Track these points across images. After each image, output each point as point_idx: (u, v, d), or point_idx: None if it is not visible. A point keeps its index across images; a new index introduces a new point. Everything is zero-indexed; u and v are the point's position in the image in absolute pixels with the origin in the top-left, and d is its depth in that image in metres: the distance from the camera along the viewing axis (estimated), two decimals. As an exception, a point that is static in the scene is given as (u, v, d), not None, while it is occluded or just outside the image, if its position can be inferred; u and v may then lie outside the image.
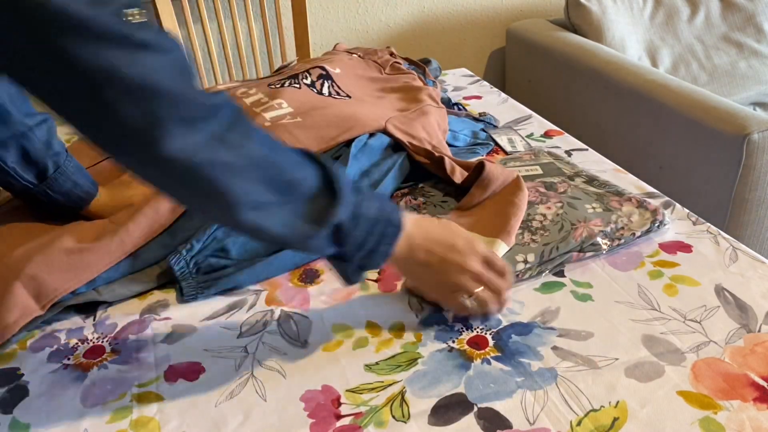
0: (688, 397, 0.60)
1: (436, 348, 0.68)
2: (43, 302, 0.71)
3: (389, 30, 2.10)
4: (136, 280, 0.78)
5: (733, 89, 2.00)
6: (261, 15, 1.73)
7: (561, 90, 1.92)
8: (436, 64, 1.35)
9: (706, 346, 0.66)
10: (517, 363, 0.65)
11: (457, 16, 2.17)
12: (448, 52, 2.22)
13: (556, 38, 1.95)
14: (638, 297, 0.74)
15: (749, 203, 1.43)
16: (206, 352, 0.69)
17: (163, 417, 0.61)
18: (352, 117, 0.98)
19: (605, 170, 1.01)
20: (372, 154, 0.95)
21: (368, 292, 0.77)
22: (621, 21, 1.96)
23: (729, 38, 2.05)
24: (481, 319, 0.71)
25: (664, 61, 1.99)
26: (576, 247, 0.79)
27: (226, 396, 0.63)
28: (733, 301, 0.73)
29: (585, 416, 0.59)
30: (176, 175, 0.55)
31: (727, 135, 1.40)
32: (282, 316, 0.74)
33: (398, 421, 0.60)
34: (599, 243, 0.80)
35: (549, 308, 0.73)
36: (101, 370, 0.67)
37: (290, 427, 0.59)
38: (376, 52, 1.27)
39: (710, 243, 0.83)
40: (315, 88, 1.08)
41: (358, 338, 0.70)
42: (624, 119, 1.69)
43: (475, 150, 1.07)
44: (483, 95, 1.34)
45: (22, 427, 0.60)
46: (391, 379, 0.64)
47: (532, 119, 1.20)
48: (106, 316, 0.75)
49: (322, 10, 2.00)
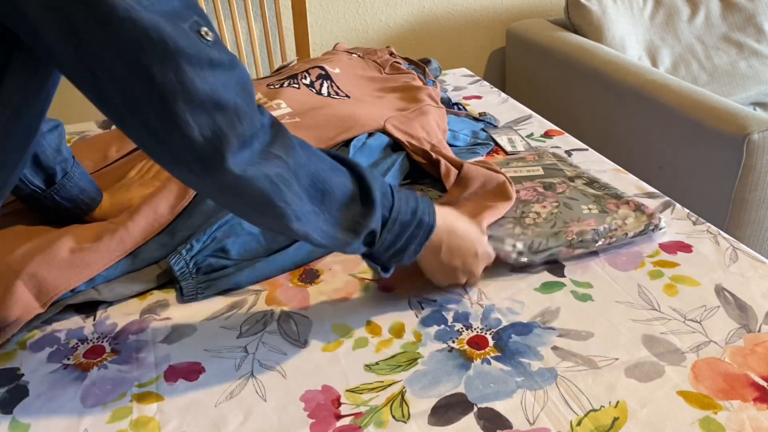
0: (688, 397, 0.60)
1: (436, 348, 0.68)
2: (43, 300, 0.71)
3: (389, 30, 2.10)
4: (135, 280, 0.78)
5: (733, 89, 2.00)
6: (261, 15, 1.73)
7: (561, 90, 1.92)
8: (436, 64, 1.35)
9: (706, 346, 0.66)
10: (517, 363, 0.65)
11: (457, 16, 2.17)
12: (448, 52, 2.21)
13: (556, 38, 1.95)
14: (638, 297, 0.74)
15: (749, 203, 1.43)
16: (206, 352, 0.69)
17: (163, 417, 0.61)
18: (351, 117, 0.98)
19: (605, 170, 1.01)
20: (371, 153, 0.95)
21: (368, 292, 0.77)
22: (621, 21, 1.96)
23: (729, 38, 2.05)
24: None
25: (664, 61, 1.99)
26: (566, 242, 0.79)
27: (226, 396, 0.63)
28: (733, 301, 0.73)
29: (585, 416, 0.59)
30: (232, 189, 0.56)
31: (727, 135, 1.40)
32: (282, 316, 0.74)
33: (398, 421, 0.60)
34: (589, 240, 0.80)
35: (549, 308, 0.73)
36: (101, 370, 0.67)
37: (290, 427, 0.59)
38: (375, 52, 1.27)
39: (710, 243, 0.83)
40: (314, 88, 1.08)
41: (358, 338, 0.70)
42: (624, 119, 1.69)
43: (475, 150, 1.07)
44: (483, 95, 1.34)
45: (22, 427, 0.60)
46: (391, 379, 0.64)
47: (532, 119, 1.20)
48: (106, 316, 0.75)
49: (322, 10, 2.00)
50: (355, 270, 0.81)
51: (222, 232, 0.80)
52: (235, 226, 0.80)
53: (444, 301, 0.75)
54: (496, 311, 0.73)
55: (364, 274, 0.80)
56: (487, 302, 0.74)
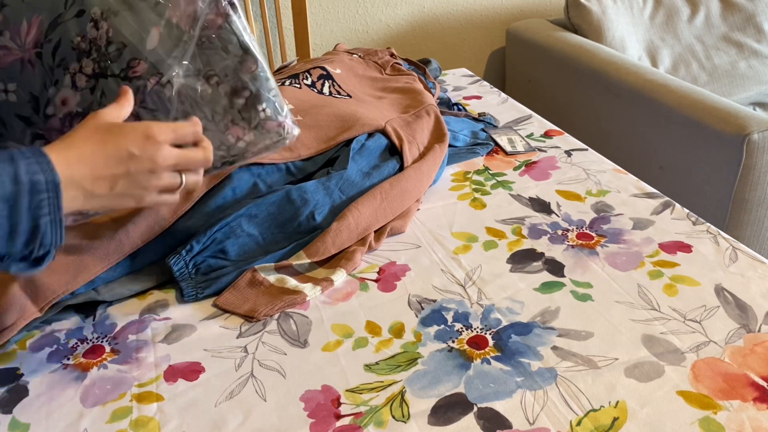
0: (688, 397, 0.60)
1: (435, 348, 0.68)
2: (41, 304, 0.71)
3: (389, 30, 2.10)
4: (135, 280, 0.78)
5: (733, 89, 2.00)
6: (261, 15, 1.73)
7: (561, 90, 1.92)
8: (436, 65, 1.36)
9: (706, 346, 0.66)
10: (517, 363, 0.65)
11: (457, 16, 2.17)
12: (448, 52, 2.22)
13: (556, 38, 1.95)
14: (638, 297, 0.74)
15: (749, 203, 1.43)
16: (206, 352, 0.69)
17: (163, 417, 0.61)
18: (352, 116, 0.98)
19: (605, 170, 1.01)
20: (370, 156, 0.95)
21: (368, 292, 0.77)
22: (621, 21, 1.96)
23: (729, 38, 2.05)
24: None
25: (664, 61, 1.99)
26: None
27: (226, 396, 0.63)
28: (733, 301, 0.73)
29: (585, 416, 0.59)
30: None
31: (727, 135, 1.40)
32: (282, 316, 0.74)
33: (398, 421, 0.60)
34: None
35: (549, 308, 0.73)
36: (101, 370, 0.67)
37: (290, 427, 0.59)
38: (376, 53, 1.27)
39: (710, 243, 0.83)
40: (315, 88, 1.08)
41: (358, 338, 0.70)
42: (624, 119, 1.69)
43: (475, 150, 1.07)
44: (483, 95, 1.34)
45: (22, 427, 0.60)
46: (390, 379, 0.64)
47: (532, 119, 1.20)
48: (106, 316, 0.75)
49: (322, 10, 2.00)
50: (355, 270, 0.81)
51: (222, 233, 0.80)
52: (235, 228, 0.80)
53: (444, 301, 0.75)
54: (495, 311, 0.73)
55: (364, 274, 0.80)
56: (487, 302, 0.74)
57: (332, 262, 0.81)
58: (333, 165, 0.93)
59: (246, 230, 0.81)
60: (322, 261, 0.81)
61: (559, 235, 0.86)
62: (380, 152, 0.96)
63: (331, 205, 0.86)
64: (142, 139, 0.59)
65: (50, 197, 0.52)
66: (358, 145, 0.95)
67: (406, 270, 0.80)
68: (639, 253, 0.81)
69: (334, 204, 0.86)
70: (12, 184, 0.50)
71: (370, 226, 0.85)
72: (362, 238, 0.84)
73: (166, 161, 0.60)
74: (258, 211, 0.82)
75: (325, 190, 0.86)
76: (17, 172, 0.51)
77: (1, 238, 0.51)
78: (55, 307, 0.73)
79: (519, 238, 0.86)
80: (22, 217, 0.51)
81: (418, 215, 0.92)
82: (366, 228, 0.84)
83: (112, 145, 0.58)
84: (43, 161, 0.52)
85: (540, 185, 0.98)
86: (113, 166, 0.57)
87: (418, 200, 0.93)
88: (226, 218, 0.80)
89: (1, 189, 0.50)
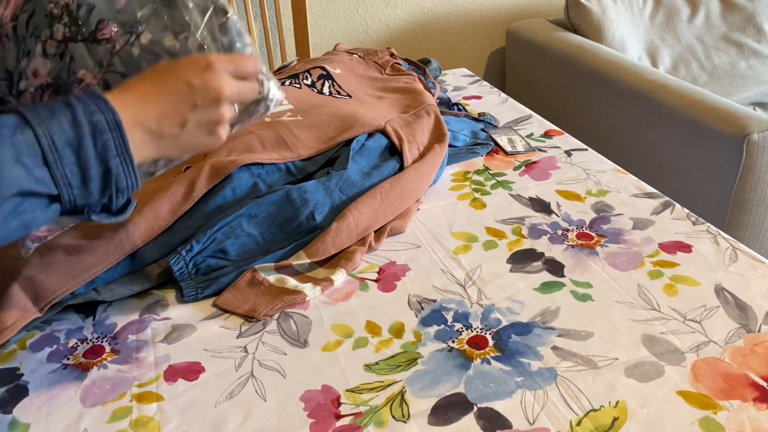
0: (688, 397, 0.60)
1: (435, 348, 0.68)
2: (41, 304, 0.71)
3: (389, 30, 2.10)
4: (135, 280, 0.78)
5: (733, 89, 2.01)
6: (261, 15, 1.73)
7: (561, 90, 1.92)
8: (436, 65, 1.36)
9: (706, 346, 0.66)
10: (517, 363, 0.65)
11: (457, 16, 2.17)
12: (448, 52, 2.22)
13: (556, 38, 1.95)
14: (638, 297, 0.74)
15: (749, 203, 1.43)
16: (206, 352, 0.69)
17: (163, 417, 0.61)
18: (352, 116, 0.98)
19: (605, 170, 1.01)
20: (370, 156, 0.95)
21: (368, 292, 0.77)
22: (621, 21, 1.96)
23: (729, 38, 2.05)
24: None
25: (664, 61, 1.99)
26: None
27: (226, 396, 0.63)
28: (732, 301, 0.73)
29: (585, 416, 0.59)
30: None
31: (727, 135, 1.40)
32: (282, 316, 0.74)
33: (398, 421, 0.60)
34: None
35: (549, 308, 0.73)
36: (101, 369, 0.67)
37: (290, 427, 0.59)
38: (376, 53, 1.27)
39: (710, 243, 0.83)
40: (315, 88, 1.08)
41: (358, 338, 0.70)
42: (624, 119, 1.69)
43: (475, 150, 1.07)
44: (483, 95, 1.34)
45: (22, 427, 0.60)
46: (390, 379, 0.64)
47: (532, 119, 1.20)
48: (106, 316, 0.75)
49: (322, 10, 2.00)
50: (355, 270, 0.81)
51: (222, 233, 0.80)
52: (235, 228, 0.80)
53: (444, 301, 0.75)
54: (495, 311, 0.73)
55: (364, 274, 0.80)
56: (487, 302, 0.74)
57: (332, 262, 0.81)
58: (333, 165, 0.93)
59: (246, 230, 0.81)
60: (322, 261, 0.81)
61: (559, 235, 0.86)
62: (380, 152, 0.96)
63: (331, 205, 0.86)
64: (201, 69, 0.56)
65: (115, 137, 0.51)
66: (358, 145, 0.95)
67: (406, 270, 0.80)
68: (639, 253, 0.81)
69: (334, 204, 0.86)
70: (72, 128, 0.49)
71: (370, 226, 0.85)
72: (362, 238, 0.84)
73: (228, 92, 0.57)
74: (258, 211, 0.82)
75: (325, 190, 0.86)
76: (75, 115, 0.49)
77: (75, 188, 0.50)
78: (55, 307, 0.73)
79: (519, 238, 0.86)
80: (90, 160, 0.50)
81: (418, 215, 0.92)
82: (366, 228, 0.84)
83: (171, 80, 0.56)
84: (100, 102, 0.51)
85: (540, 185, 0.98)
86: (177, 102, 0.55)
87: (418, 200, 0.93)
88: (226, 218, 0.80)
89: (62, 134, 0.48)
